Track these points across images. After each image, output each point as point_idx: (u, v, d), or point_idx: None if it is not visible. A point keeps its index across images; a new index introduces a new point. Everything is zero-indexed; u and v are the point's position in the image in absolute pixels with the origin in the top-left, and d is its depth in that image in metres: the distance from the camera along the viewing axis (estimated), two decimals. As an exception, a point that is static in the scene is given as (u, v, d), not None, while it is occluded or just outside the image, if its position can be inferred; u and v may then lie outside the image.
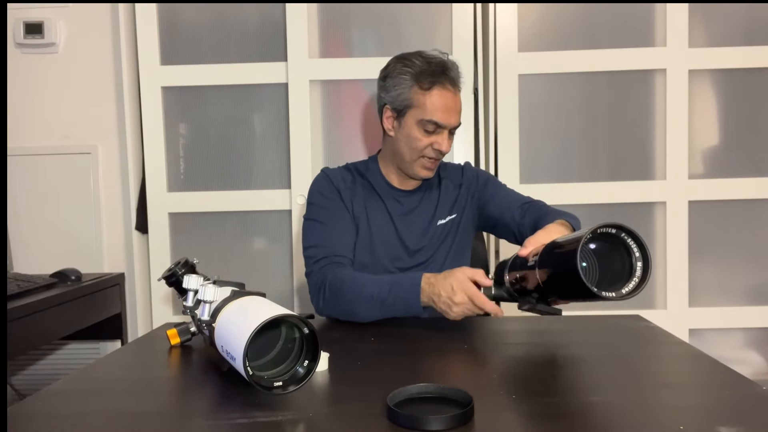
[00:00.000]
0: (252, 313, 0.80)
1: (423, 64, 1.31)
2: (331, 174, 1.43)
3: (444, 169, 1.50)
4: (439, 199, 1.44)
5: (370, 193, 1.43)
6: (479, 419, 0.70)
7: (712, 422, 0.69)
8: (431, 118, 1.29)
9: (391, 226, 1.40)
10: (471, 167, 1.54)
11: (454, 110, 1.31)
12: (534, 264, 0.94)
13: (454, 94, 1.31)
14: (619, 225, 0.80)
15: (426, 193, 1.45)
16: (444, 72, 1.30)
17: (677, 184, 1.95)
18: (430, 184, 1.46)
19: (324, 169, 1.46)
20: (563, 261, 0.83)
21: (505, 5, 1.94)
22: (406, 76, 1.31)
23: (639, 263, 0.78)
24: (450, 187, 1.47)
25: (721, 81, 1.97)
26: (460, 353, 1.01)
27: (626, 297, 0.79)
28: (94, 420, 0.75)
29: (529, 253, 0.99)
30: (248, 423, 0.71)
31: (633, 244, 0.80)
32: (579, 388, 0.81)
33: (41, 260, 2.04)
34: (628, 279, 0.80)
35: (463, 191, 1.46)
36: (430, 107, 1.29)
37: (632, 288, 0.80)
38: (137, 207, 2.07)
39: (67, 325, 1.72)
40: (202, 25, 2.02)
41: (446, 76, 1.30)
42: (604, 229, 0.80)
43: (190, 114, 2.05)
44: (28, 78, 2.10)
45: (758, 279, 1.99)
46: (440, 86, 1.29)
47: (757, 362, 2.00)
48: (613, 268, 0.84)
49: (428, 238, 1.40)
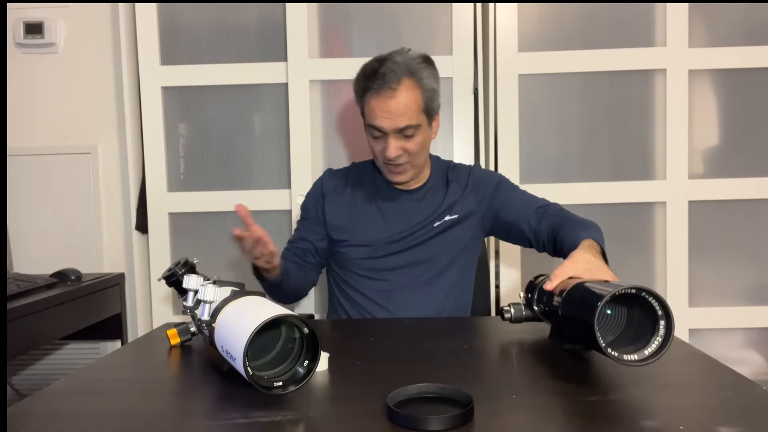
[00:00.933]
0: (252, 313, 0.80)
1: (360, 74, 1.33)
2: (327, 178, 1.48)
3: (453, 171, 1.49)
4: (443, 201, 1.43)
5: (365, 194, 1.44)
6: (479, 419, 0.70)
7: (712, 422, 0.69)
8: (369, 123, 1.31)
9: (383, 223, 1.41)
10: (480, 169, 1.52)
11: (391, 113, 1.26)
12: (558, 307, 0.93)
13: (391, 96, 1.26)
14: (638, 287, 0.78)
15: (429, 193, 1.44)
16: (374, 77, 1.28)
17: (677, 184, 1.95)
18: (434, 184, 1.45)
19: (326, 171, 1.51)
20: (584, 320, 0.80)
21: (505, 5, 1.94)
22: (355, 86, 1.34)
23: (662, 321, 0.77)
24: (456, 189, 1.45)
25: (721, 81, 1.97)
26: (460, 353, 1.01)
27: (648, 360, 0.77)
28: (94, 420, 0.75)
29: (555, 289, 0.97)
30: (248, 423, 0.71)
31: (656, 304, 0.78)
32: (579, 388, 0.81)
33: (41, 260, 2.04)
34: (651, 336, 0.78)
35: (468, 194, 1.44)
36: (368, 113, 1.31)
37: (655, 349, 0.77)
38: (137, 207, 2.07)
39: (67, 325, 1.72)
40: (202, 25, 2.02)
41: (377, 80, 1.27)
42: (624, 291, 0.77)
43: (190, 114, 2.05)
44: (28, 78, 2.10)
45: (758, 279, 1.99)
46: (372, 92, 1.28)
47: (757, 362, 2.00)
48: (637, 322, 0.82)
49: (423, 236, 1.40)
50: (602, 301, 0.76)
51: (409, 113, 1.27)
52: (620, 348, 0.78)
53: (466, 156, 1.98)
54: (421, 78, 1.29)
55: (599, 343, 0.76)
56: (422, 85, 1.29)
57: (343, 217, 1.43)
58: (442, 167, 1.50)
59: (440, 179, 1.46)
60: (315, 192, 1.48)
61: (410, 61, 1.29)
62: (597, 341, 0.76)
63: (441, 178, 1.47)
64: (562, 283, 0.96)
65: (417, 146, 1.32)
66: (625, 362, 0.76)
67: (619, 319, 0.84)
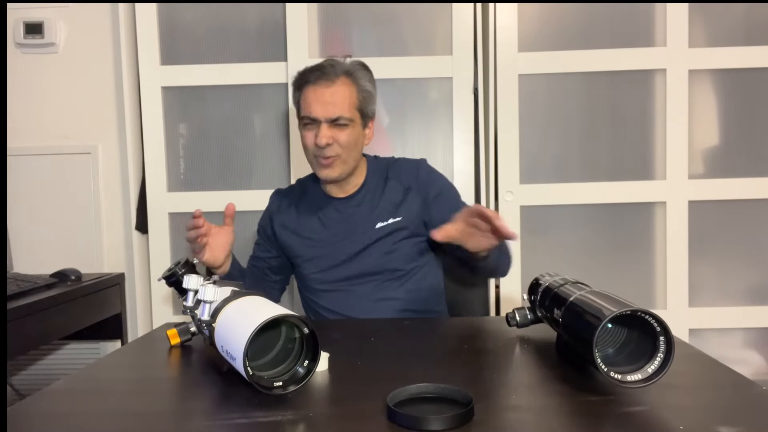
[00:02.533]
0: (252, 313, 0.80)
1: (299, 72, 1.37)
2: (274, 199, 1.52)
3: (394, 167, 1.45)
4: (381, 200, 1.41)
5: (309, 208, 1.45)
6: (479, 419, 0.70)
7: (712, 422, 0.69)
8: (304, 114, 1.33)
9: (326, 234, 1.41)
10: (427, 168, 1.46)
11: (326, 102, 1.30)
12: (559, 321, 0.92)
13: (328, 87, 1.31)
14: (634, 309, 0.77)
15: (367, 196, 1.42)
16: (313, 71, 1.33)
17: (677, 184, 1.95)
18: (371, 186, 1.43)
19: (273, 192, 1.54)
20: (583, 341, 0.80)
21: (505, 5, 1.94)
22: (293, 85, 1.38)
23: (662, 337, 0.77)
24: (396, 187, 1.42)
25: (721, 81, 1.97)
26: (460, 353, 1.01)
27: (651, 380, 0.76)
28: (94, 420, 0.75)
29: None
30: (248, 423, 0.71)
31: (653, 322, 0.77)
32: (579, 388, 0.81)
33: (41, 260, 2.04)
34: (652, 355, 0.78)
35: (412, 195, 1.40)
36: (303, 105, 1.34)
37: (657, 367, 0.77)
38: (137, 207, 2.07)
39: (67, 325, 1.72)
40: (202, 25, 2.02)
41: (315, 73, 1.32)
42: (623, 311, 0.77)
43: (190, 114, 2.05)
44: (28, 78, 2.10)
45: (758, 279, 1.99)
46: (310, 83, 1.32)
47: (757, 362, 2.00)
48: (637, 340, 0.82)
49: (367, 240, 1.38)
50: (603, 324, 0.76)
51: (342, 105, 1.32)
52: (620, 367, 0.78)
53: (465, 156, 1.98)
54: (357, 78, 1.35)
55: (601, 369, 0.76)
56: (358, 84, 1.35)
57: (290, 235, 1.44)
58: (381, 166, 1.46)
59: (378, 179, 1.44)
60: (266, 214, 1.51)
61: (348, 64, 1.36)
62: (598, 366, 0.76)
63: (380, 178, 1.44)
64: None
65: (348, 139, 1.33)
66: (627, 384, 0.76)
67: (619, 331, 0.84)
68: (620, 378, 0.77)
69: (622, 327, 0.83)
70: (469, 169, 1.98)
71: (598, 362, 0.76)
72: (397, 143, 2.01)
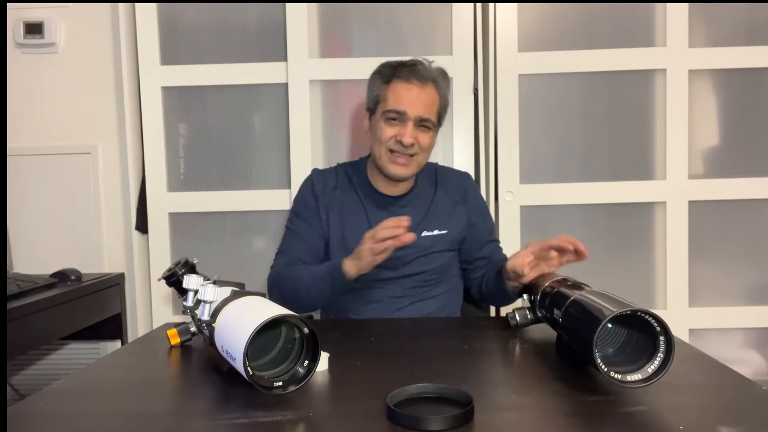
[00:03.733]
0: (252, 313, 0.80)
1: (385, 64, 1.38)
2: (317, 177, 1.46)
3: (441, 174, 1.47)
4: (429, 208, 1.41)
5: (352, 198, 1.42)
6: (479, 419, 0.70)
7: (712, 422, 0.69)
8: (391, 107, 1.32)
9: (365, 223, 1.37)
10: (473, 185, 1.51)
11: (417, 101, 1.31)
12: (559, 321, 0.92)
13: (420, 88, 1.32)
14: (634, 309, 0.77)
15: (414, 200, 1.42)
16: (404, 67, 1.34)
17: (677, 184, 1.95)
18: (420, 190, 1.43)
19: (313, 171, 1.49)
20: (583, 341, 0.80)
21: (505, 5, 1.94)
22: (377, 76, 1.37)
23: (661, 337, 0.77)
24: (444, 198, 1.44)
25: (721, 81, 1.97)
26: (460, 353, 1.01)
27: (650, 380, 0.76)
28: (94, 420, 0.75)
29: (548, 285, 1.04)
30: (248, 423, 0.71)
31: (653, 322, 0.77)
32: (579, 388, 0.81)
33: (41, 260, 2.04)
34: (651, 355, 0.78)
35: (460, 210, 1.44)
36: (391, 98, 1.33)
37: (657, 367, 0.77)
38: (137, 207, 2.07)
39: (67, 325, 1.72)
40: (202, 25, 2.02)
41: (410, 69, 1.33)
42: (623, 311, 0.77)
43: (190, 114, 2.05)
44: (28, 78, 2.10)
45: (758, 279, 1.99)
46: (402, 79, 1.33)
47: (757, 362, 2.00)
48: (637, 340, 0.82)
49: (413, 248, 1.33)
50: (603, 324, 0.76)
51: (431, 108, 1.34)
52: (620, 367, 0.78)
53: (465, 156, 1.98)
54: (441, 86, 1.37)
55: (601, 369, 0.76)
56: (441, 94, 1.37)
57: (335, 219, 1.40)
58: (429, 171, 1.47)
59: (427, 185, 1.44)
60: (306, 193, 1.44)
61: (436, 70, 1.37)
62: (598, 366, 0.76)
63: (428, 183, 1.45)
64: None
65: (428, 142, 1.35)
66: (627, 384, 0.76)
67: (619, 331, 0.84)
68: (620, 378, 0.77)
69: (622, 327, 0.84)
70: (469, 169, 1.98)
71: (598, 362, 0.76)
72: (397, 143, 2.01)
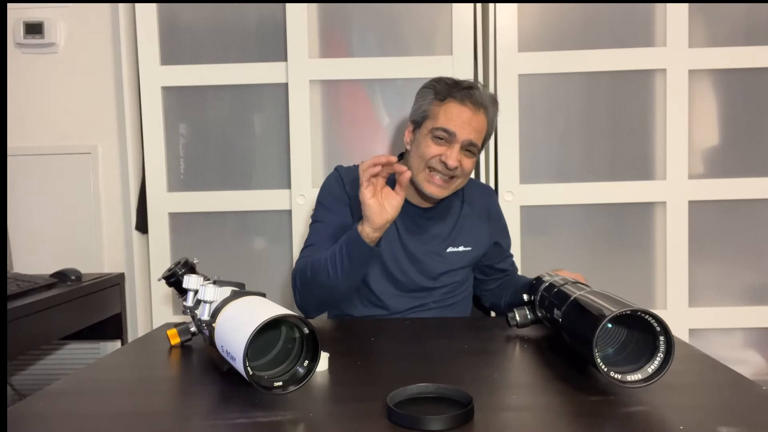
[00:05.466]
0: (252, 313, 0.80)
1: (441, 80, 1.34)
2: (343, 173, 1.42)
3: (469, 191, 1.46)
4: (456, 224, 1.41)
5: None
6: (479, 419, 0.70)
7: (712, 422, 0.69)
8: (441, 126, 1.29)
9: (398, 241, 1.36)
10: (497, 202, 1.52)
11: (468, 125, 1.29)
12: (559, 321, 0.93)
13: (473, 112, 1.29)
14: (634, 309, 0.77)
15: (442, 213, 1.41)
16: (464, 89, 1.31)
17: (677, 184, 1.95)
18: (447, 203, 1.41)
19: (337, 167, 1.45)
20: (583, 341, 0.80)
21: (505, 5, 1.94)
22: (430, 90, 1.34)
23: (662, 337, 0.77)
24: (470, 213, 1.43)
25: (721, 81, 1.97)
26: (460, 353, 1.01)
27: (650, 380, 0.76)
28: (94, 420, 0.75)
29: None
30: (248, 423, 0.71)
31: (653, 322, 0.77)
32: (579, 388, 0.81)
33: (41, 260, 2.04)
34: (651, 355, 0.78)
35: (483, 227, 1.45)
36: (443, 116, 1.29)
37: (657, 367, 0.77)
38: (137, 207, 2.07)
39: (67, 325, 1.72)
40: (202, 25, 2.02)
41: (466, 92, 1.30)
42: (623, 311, 0.77)
43: (190, 114, 2.05)
44: (28, 78, 2.10)
45: (758, 279, 1.99)
46: (456, 100, 1.29)
47: (757, 362, 2.00)
48: (637, 339, 0.82)
49: (443, 263, 1.38)
50: (603, 324, 0.76)
51: (479, 134, 1.32)
52: (620, 366, 0.78)
53: (466, 156, 1.98)
54: (490, 114, 1.35)
55: (601, 369, 0.76)
56: (489, 121, 1.35)
57: (358, 217, 1.35)
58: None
59: (454, 197, 1.42)
60: (334, 184, 1.40)
61: (488, 96, 1.35)
62: (598, 366, 0.76)
63: (455, 196, 1.41)
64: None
65: (470, 168, 1.33)
66: (627, 384, 0.76)
67: (619, 331, 0.84)
68: (620, 378, 0.77)
69: (622, 327, 0.84)
70: (469, 169, 1.98)
71: (598, 362, 0.76)
72: (398, 143, 2.01)
